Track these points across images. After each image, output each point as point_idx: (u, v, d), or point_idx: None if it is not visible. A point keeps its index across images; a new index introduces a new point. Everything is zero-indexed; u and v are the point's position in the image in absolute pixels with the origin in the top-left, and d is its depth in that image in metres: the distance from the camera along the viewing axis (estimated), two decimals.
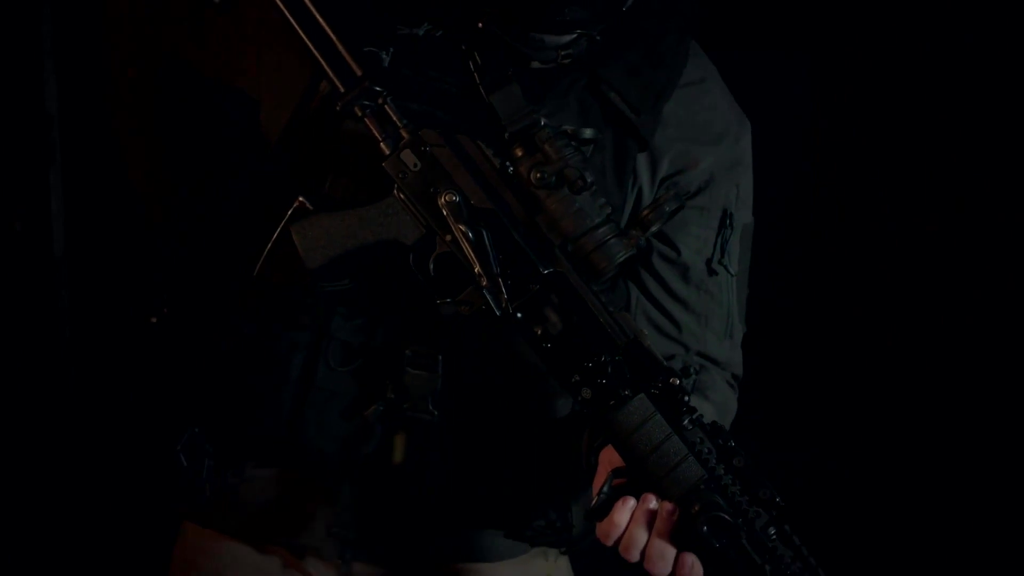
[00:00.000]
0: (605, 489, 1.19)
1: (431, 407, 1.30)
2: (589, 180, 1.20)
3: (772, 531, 1.15)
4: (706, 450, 1.18)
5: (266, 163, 1.30)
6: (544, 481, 1.37)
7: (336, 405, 1.32)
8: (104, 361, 2.33)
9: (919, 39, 2.42)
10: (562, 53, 1.26)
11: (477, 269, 1.20)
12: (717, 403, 1.40)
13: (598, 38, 1.28)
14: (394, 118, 1.23)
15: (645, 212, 1.24)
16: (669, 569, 1.15)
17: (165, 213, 1.39)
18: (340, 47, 1.21)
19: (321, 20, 1.21)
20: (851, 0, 2.55)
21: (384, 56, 1.25)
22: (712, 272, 1.41)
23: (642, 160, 1.35)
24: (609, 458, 1.22)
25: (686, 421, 1.18)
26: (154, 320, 1.36)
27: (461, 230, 1.20)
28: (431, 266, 1.24)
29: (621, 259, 1.21)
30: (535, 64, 1.29)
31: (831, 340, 2.65)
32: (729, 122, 1.42)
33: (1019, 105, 2.27)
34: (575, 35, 1.25)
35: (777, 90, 2.60)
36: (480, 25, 1.24)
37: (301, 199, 1.23)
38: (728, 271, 1.41)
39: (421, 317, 1.30)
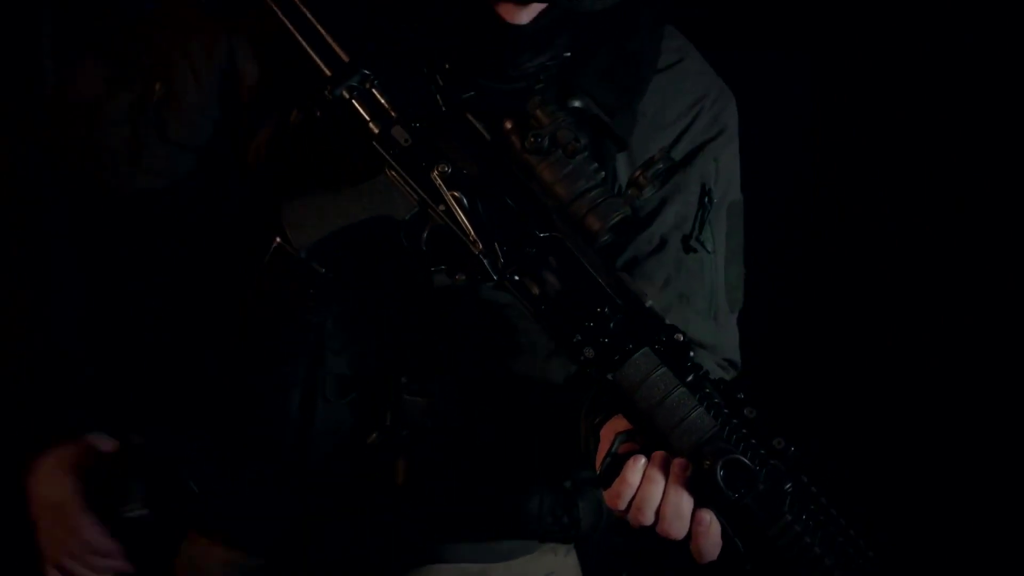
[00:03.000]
0: (613, 450, 1.16)
1: (429, 428, 1.28)
2: (583, 142, 1.19)
3: (788, 483, 1.12)
4: (715, 403, 1.15)
5: (248, 183, 1.30)
6: (549, 478, 1.37)
7: (336, 436, 1.31)
8: (104, 362, 2.33)
9: (919, 39, 2.42)
10: (531, 81, 1.26)
11: (472, 236, 1.18)
12: None
13: (568, 54, 1.27)
14: (381, 100, 1.22)
15: (637, 173, 1.21)
16: (686, 528, 1.12)
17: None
18: (325, 34, 1.21)
19: (305, 10, 1.21)
20: (851, 1, 2.55)
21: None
22: (689, 249, 1.38)
23: (621, 160, 1.35)
24: (614, 428, 1.20)
25: (691, 377, 1.16)
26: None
27: (455, 197, 1.19)
28: (424, 240, 1.22)
29: (616, 220, 1.19)
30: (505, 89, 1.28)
31: (831, 340, 2.65)
32: (701, 96, 1.39)
33: (1019, 105, 2.27)
34: (539, 68, 1.24)
35: (777, 90, 2.60)
36: (447, 67, 1.25)
37: (278, 240, 1.22)
38: (705, 248, 1.38)
39: (414, 340, 1.29)
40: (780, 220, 2.64)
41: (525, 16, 1.18)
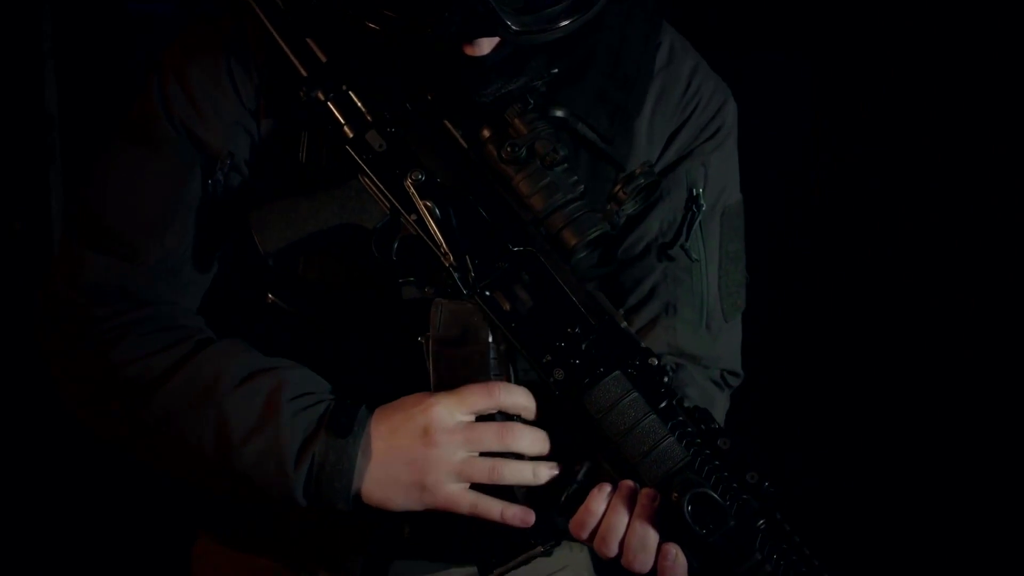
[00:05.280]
0: (579, 478, 1.12)
1: None
2: (562, 153, 1.14)
3: (761, 520, 1.06)
4: (688, 432, 1.09)
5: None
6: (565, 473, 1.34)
7: None
8: None
9: (919, 39, 2.42)
10: (520, 103, 1.23)
11: (443, 248, 1.15)
12: (696, 401, 1.33)
13: (555, 71, 1.24)
14: (358, 103, 1.20)
15: (617, 187, 1.15)
16: (651, 561, 1.07)
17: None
18: (306, 37, 1.19)
19: (285, 10, 1.20)
20: (851, 1, 2.55)
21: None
22: (668, 258, 1.31)
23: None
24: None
25: (664, 403, 1.11)
26: None
27: (428, 206, 1.15)
28: (394, 249, 1.18)
29: (593, 235, 1.14)
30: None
31: (830, 340, 2.65)
32: (693, 97, 1.36)
33: (1019, 105, 2.27)
34: (522, 89, 1.21)
35: (777, 90, 2.60)
36: (430, 98, 1.22)
37: (271, 296, 1.19)
38: (689, 256, 1.34)
39: (383, 354, 1.25)
40: (780, 220, 2.65)
41: (486, 47, 1.16)
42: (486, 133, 1.17)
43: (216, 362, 1.16)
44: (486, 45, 1.14)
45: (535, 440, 1.15)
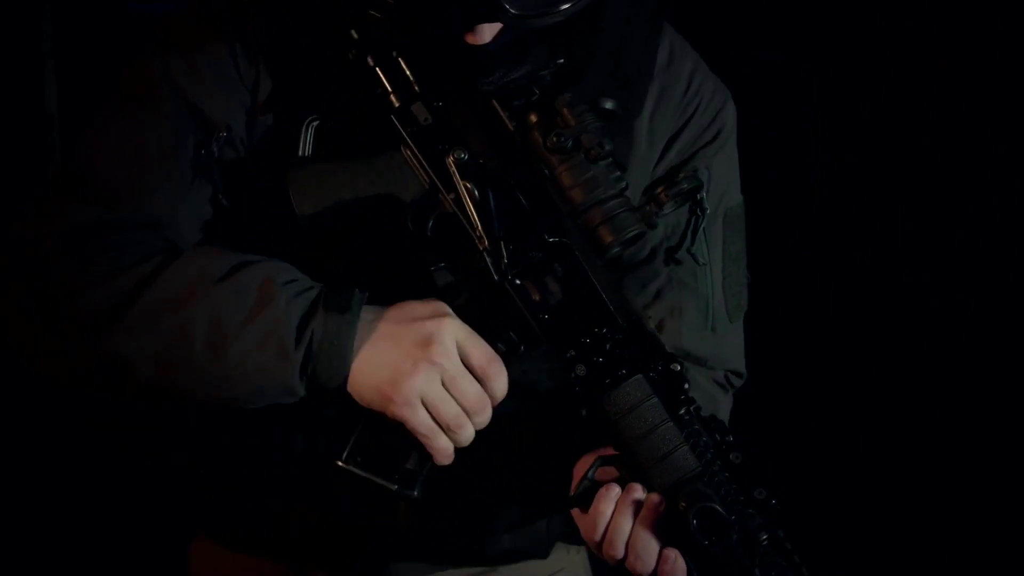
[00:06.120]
0: (589, 475, 1.13)
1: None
2: (607, 148, 1.12)
3: (764, 535, 1.07)
4: (702, 442, 1.10)
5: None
6: (562, 479, 1.34)
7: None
8: None
9: (919, 39, 2.42)
10: (526, 96, 1.22)
11: (479, 231, 1.14)
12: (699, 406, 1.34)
13: (560, 61, 1.23)
14: (407, 71, 1.17)
15: (660, 189, 1.15)
16: (652, 565, 1.09)
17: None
18: None
19: None
20: (851, 2, 2.55)
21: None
22: (675, 261, 1.32)
23: None
24: (597, 451, 1.16)
25: (683, 411, 1.11)
26: None
27: (467, 187, 1.14)
28: (429, 226, 1.17)
29: (630, 235, 1.13)
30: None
31: (830, 340, 2.65)
32: (693, 99, 1.33)
33: (1019, 105, 2.27)
34: (526, 78, 1.20)
35: (777, 90, 2.60)
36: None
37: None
38: (696, 260, 1.32)
39: None
40: (780, 220, 2.65)
41: (487, 35, 1.15)
42: (533, 118, 1.15)
43: (194, 263, 1.13)
44: (487, 33, 1.14)
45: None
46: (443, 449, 1.13)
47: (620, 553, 1.10)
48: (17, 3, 2.40)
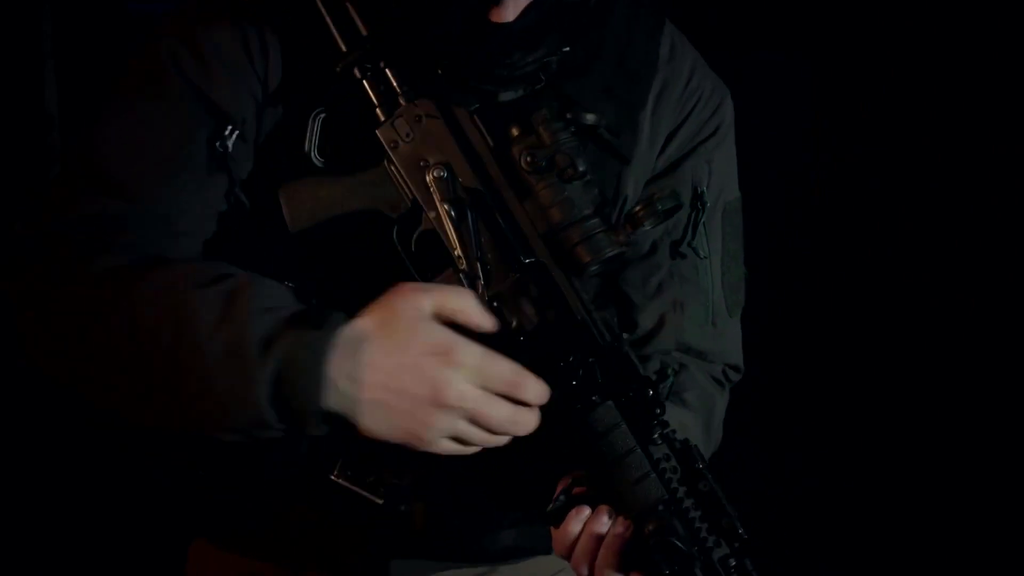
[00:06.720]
0: (562, 497, 1.14)
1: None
2: (581, 169, 1.13)
3: (732, 562, 1.08)
4: (670, 469, 1.11)
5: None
6: (561, 479, 1.35)
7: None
8: None
9: (919, 39, 2.42)
10: (531, 84, 1.22)
11: (457, 252, 1.14)
12: (694, 406, 1.32)
13: (567, 49, 1.24)
14: (394, 83, 1.18)
15: (638, 208, 1.15)
16: None
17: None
18: (348, 6, 1.16)
19: None
20: (851, 1, 2.55)
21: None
22: (681, 255, 1.32)
23: (626, 171, 1.33)
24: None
25: (656, 435, 1.12)
26: None
27: (445, 209, 1.14)
28: (413, 243, 1.18)
29: (608, 255, 1.13)
30: (504, 96, 1.25)
31: (830, 340, 2.65)
32: (693, 94, 1.34)
33: (1019, 105, 2.27)
34: (536, 64, 1.21)
35: (777, 90, 2.60)
36: (440, 72, 1.21)
37: (288, 284, 1.13)
38: (697, 254, 1.35)
39: None
40: (780, 220, 2.65)
41: (511, 13, 1.16)
42: (515, 132, 1.15)
43: (182, 268, 1.11)
44: (511, 10, 1.14)
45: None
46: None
47: (586, 573, 1.12)
48: (17, 3, 2.41)
